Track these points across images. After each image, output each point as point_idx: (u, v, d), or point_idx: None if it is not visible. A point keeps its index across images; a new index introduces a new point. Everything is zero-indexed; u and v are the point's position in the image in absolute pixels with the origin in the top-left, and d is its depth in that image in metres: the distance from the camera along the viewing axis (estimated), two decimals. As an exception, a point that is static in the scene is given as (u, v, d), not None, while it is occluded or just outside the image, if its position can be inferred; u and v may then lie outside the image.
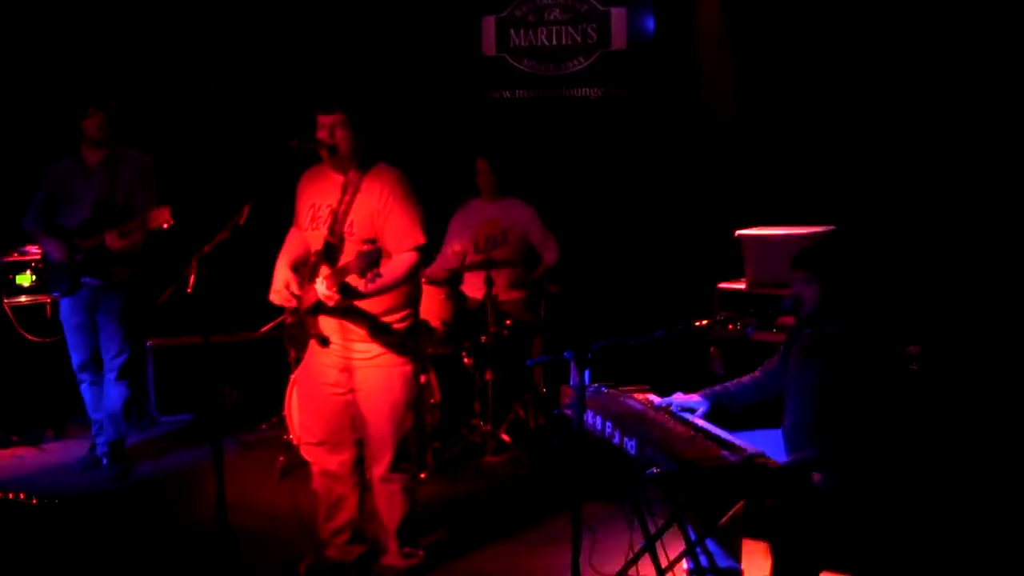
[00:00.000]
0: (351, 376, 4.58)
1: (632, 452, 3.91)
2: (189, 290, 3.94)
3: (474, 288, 6.75)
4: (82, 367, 6.39)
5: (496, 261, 6.46)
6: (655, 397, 4.45)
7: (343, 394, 4.62)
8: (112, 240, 5.88)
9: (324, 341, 4.47)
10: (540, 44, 7.89)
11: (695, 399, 4.32)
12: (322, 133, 4.42)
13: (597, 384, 4.46)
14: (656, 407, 4.28)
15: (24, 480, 6.20)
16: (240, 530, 5.00)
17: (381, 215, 4.43)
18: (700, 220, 7.21)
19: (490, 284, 6.37)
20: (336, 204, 4.48)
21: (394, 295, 4.48)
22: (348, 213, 4.45)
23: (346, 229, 4.45)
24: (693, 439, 3.86)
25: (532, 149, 7.75)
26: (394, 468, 4.62)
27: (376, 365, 4.53)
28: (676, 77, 7.43)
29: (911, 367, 4.55)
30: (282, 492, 5.83)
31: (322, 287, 4.26)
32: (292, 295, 4.48)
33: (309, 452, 4.80)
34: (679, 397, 4.37)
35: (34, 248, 6.94)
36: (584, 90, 7.78)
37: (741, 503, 4.09)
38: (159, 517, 5.68)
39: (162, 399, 7.37)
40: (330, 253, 4.46)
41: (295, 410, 5.69)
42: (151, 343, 7.33)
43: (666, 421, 4.08)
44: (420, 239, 4.47)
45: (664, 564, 4.17)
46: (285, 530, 5.30)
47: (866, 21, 6.55)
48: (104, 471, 6.31)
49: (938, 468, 4.78)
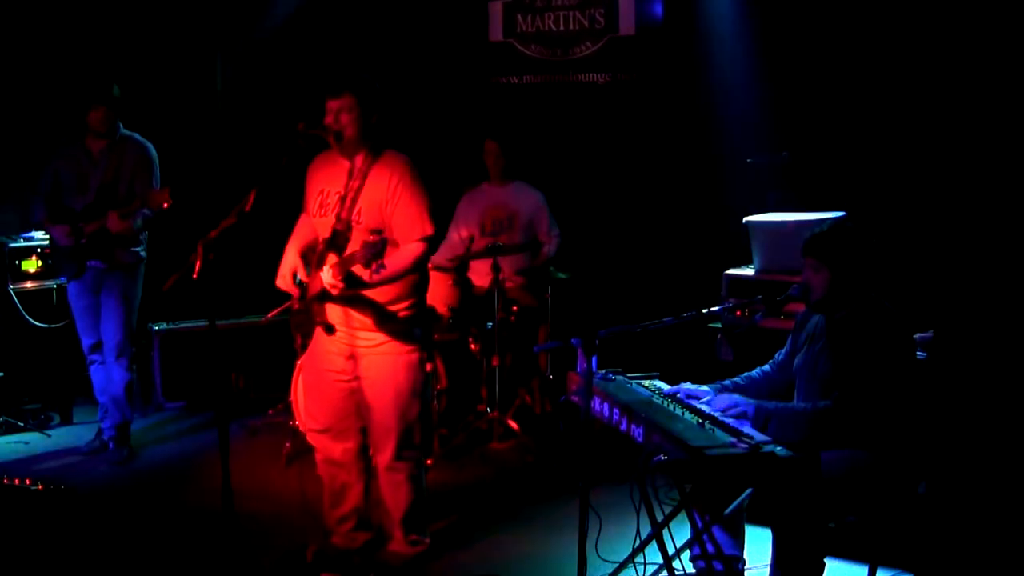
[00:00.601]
0: (356, 364, 4.56)
1: (639, 439, 3.90)
2: (195, 276, 3.93)
3: (480, 274, 6.73)
4: (92, 349, 6.43)
5: (501, 247, 6.43)
6: (663, 384, 4.44)
7: (348, 382, 4.60)
8: (113, 222, 5.99)
9: (330, 329, 4.46)
10: (547, 29, 7.85)
11: (705, 390, 4.30)
12: (329, 118, 4.40)
13: (604, 371, 4.45)
14: (664, 394, 4.27)
15: (30, 466, 6.22)
16: (246, 516, 5.02)
17: (389, 204, 4.41)
18: (708, 207, 7.18)
19: (497, 270, 6.35)
20: (344, 191, 4.46)
21: (400, 284, 4.46)
22: (356, 201, 4.43)
23: (353, 217, 4.42)
24: (701, 426, 3.85)
25: (540, 135, 7.72)
26: (399, 456, 4.61)
27: (381, 353, 4.51)
28: (685, 62, 7.39)
29: (919, 354, 4.52)
30: (288, 478, 5.83)
31: (327, 276, 4.25)
32: (296, 283, 4.47)
33: (314, 439, 4.79)
34: (687, 387, 4.34)
35: (40, 234, 6.97)
36: (592, 75, 7.74)
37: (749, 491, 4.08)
38: (165, 502, 5.68)
39: (168, 385, 7.38)
40: (337, 241, 4.44)
41: (301, 396, 5.68)
42: (157, 329, 7.33)
43: (674, 408, 4.07)
44: (427, 229, 4.45)
45: (671, 551, 4.17)
46: (291, 516, 5.30)
47: (877, 7, 6.50)
48: (110, 455, 6.34)
49: (947, 454, 4.76)
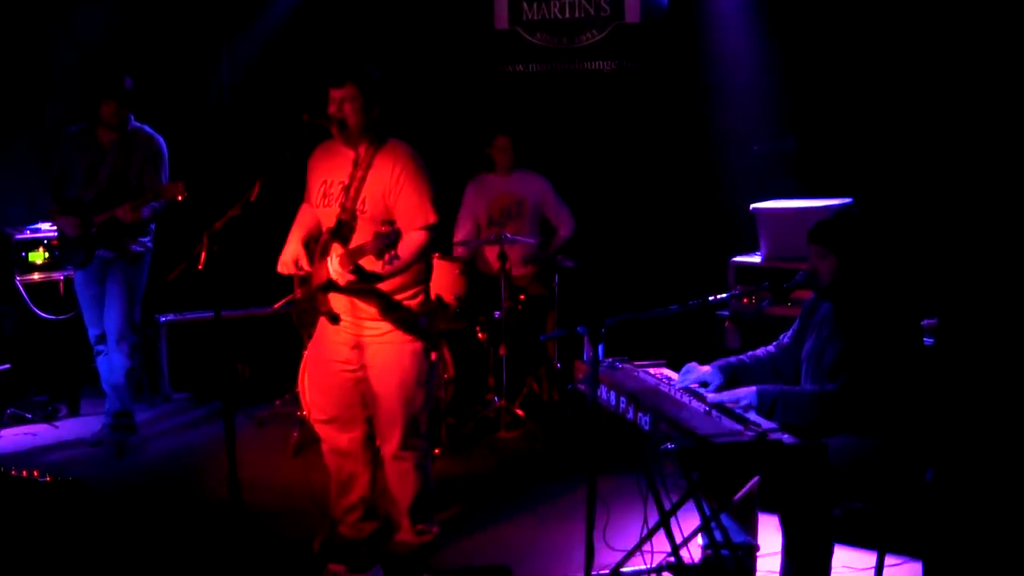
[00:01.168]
0: (361, 353, 4.55)
1: (646, 427, 3.89)
2: (201, 267, 3.92)
3: (488, 263, 6.72)
4: (98, 339, 6.44)
5: (510, 236, 6.42)
6: (671, 372, 4.42)
7: (353, 371, 4.59)
8: (124, 213, 6.02)
9: (334, 319, 4.45)
10: (553, 17, 7.83)
11: (709, 371, 4.29)
12: (332, 107, 4.38)
13: (611, 359, 4.44)
14: (671, 382, 4.26)
15: (38, 457, 6.23)
16: (254, 506, 5.03)
17: (393, 193, 4.39)
18: (715, 194, 7.16)
19: (503, 259, 6.34)
20: (348, 180, 4.45)
21: (404, 273, 4.44)
22: (360, 190, 4.41)
23: (358, 206, 4.40)
24: (708, 414, 3.84)
25: (546, 123, 7.71)
26: (405, 445, 4.59)
27: (386, 342, 4.50)
28: (690, 49, 7.37)
29: (926, 340, 4.51)
30: (295, 468, 5.84)
31: (335, 265, 4.23)
32: (300, 272, 4.47)
33: (320, 429, 4.78)
34: (693, 367, 4.33)
35: (47, 225, 6.98)
36: (598, 63, 7.72)
37: (756, 478, 4.07)
38: (172, 493, 5.69)
39: (175, 375, 7.39)
40: (342, 231, 4.42)
41: (308, 386, 5.69)
42: (164, 320, 7.34)
43: (681, 396, 4.06)
44: (431, 218, 4.42)
45: (679, 539, 4.16)
46: (299, 506, 5.31)
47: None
48: (104, 442, 6.35)
49: (954, 441, 4.74)
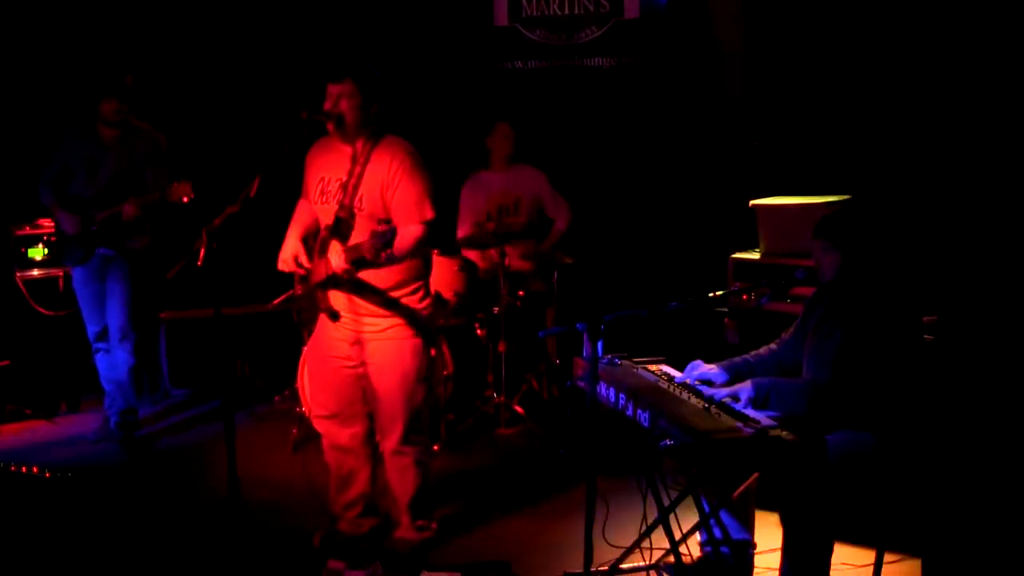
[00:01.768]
0: (362, 349, 4.56)
1: (646, 424, 3.89)
2: (200, 263, 3.92)
3: (489, 259, 6.72)
4: (98, 336, 6.43)
5: (510, 234, 6.41)
6: (670, 369, 4.43)
7: (354, 367, 4.60)
8: (129, 209, 6.01)
9: (334, 315, 4.46)
10: (552, 14, 7.81)
11: (714, 370, 4.29)
12: (329, 103, 4.38)
13: (611, 356, 4.44)
14: (671, 378, 4.26)
15: (38, 454, 6.23)
16: (253, 503, 5.04)
17: (390, 188, 4.39)
18: (714, 190, 7.16)
19: (502, 255, 6.34)
20: (346, 177, 4.45)
21: (403, 269, 4.46)
22: (358, 187, 4.41)
23: (356, 204, 4.41)
24: (707, 411, 3.84)
25: (545, 119, 7.70)
26: (405, 441, 4.60)
27: (386, 338, 4.51)
28: (689, 46, 7.36)
29: (926, 337, 4.51)
30: (295, 464, 5.84)
31: (336, 259, 4.26)
32: (300, 269, 4.47)
33: (320, 425, 4.79)
34: (699, 365, 4.33)
35: (46, 221, 6.96)
36: (597, 60, 7.71)
37: (755, 475, 4.07)
38: (172, 490, 5.70)
39: (175, 372, 7.38)
40: (341, 228, 4.43)
41: (308, 382, 5.69)
42: (164, 317, 7.32)
43: (680, 393, 4.06)
44: (427, 214, 4.43)
45: (678, 536, 4.16)
46: (298, 502, 5.31)
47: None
48: (112, 436, 6.34)
49: (954, 437, 4.74)
